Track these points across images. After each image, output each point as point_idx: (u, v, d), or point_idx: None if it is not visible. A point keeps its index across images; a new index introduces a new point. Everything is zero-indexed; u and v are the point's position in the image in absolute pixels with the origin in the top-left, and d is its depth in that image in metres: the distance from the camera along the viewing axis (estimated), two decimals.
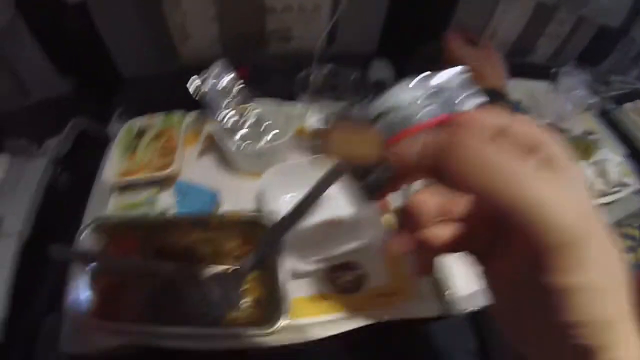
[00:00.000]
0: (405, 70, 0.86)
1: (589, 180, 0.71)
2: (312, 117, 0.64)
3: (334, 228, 0.58)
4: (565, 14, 0.83)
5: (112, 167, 0.64)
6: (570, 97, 0.83)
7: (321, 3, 0.71)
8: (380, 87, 0.63)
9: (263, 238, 0.51)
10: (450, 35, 0.77)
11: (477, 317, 0.54)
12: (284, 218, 0.49)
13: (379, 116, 0.26)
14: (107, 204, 0.63)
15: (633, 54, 0.92)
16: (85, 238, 0.53)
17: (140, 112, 0.72)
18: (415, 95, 0.26)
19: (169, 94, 0.71)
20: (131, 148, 0.65)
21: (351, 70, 0.65)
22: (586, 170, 0.72)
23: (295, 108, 0.65)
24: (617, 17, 0.81)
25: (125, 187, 0.63)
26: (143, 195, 0.62)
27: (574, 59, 0.90)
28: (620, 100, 0.90)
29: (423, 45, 0.85)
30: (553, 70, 0.88)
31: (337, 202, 0.60)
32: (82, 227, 0.53)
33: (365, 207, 0.57)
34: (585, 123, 0.84)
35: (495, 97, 0.61)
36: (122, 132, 0.67)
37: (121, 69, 0.74)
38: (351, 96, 0.65)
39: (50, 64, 0.77)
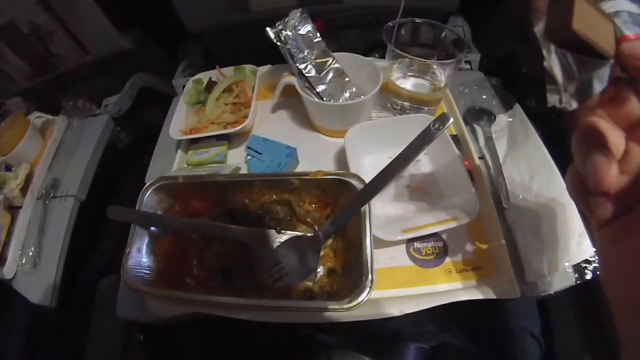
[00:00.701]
0: (486, 28, 0.79)
1: None
2: (398, 72, 0.58)
3: (423, 196, 0.53)
4: None
5: (179, 123, 0.60)
6: None
7: None
8: (461, 46, 0.56)
9: (348, 202, 0.46)
10: None
11: (546, 301, 0.53)
12: (371, 182, 0.44)
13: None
14: (173, 161, 0.60)
15: None
16: (149, 199, 0.49)
17: (207, 67, 0.68)
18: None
19: (238, 48, 0.67)
20: (199, 102, 0.61)
21: (440, 26, 0.58)
22: None
23: (380, 62, 0.59)
24: None
25: (193, 144, 0.59)
26: (212, 152, 0.57)
27: None
28: None
29: (507, 2, 0.78)
30: None
31: (427, 168, 0.55)
32: (145, 186, 0.49)
33: (457, 173, 0.52)
34: None
35: None
36: (189, 85, 0.63)
37: (187, 23, 0.70)
38: (435, 52, 0.59)
39: (109, 21, 0.74)
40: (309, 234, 0.49)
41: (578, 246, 0.45)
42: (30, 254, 0.58)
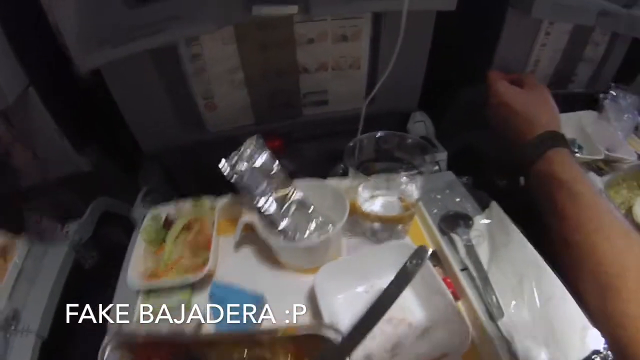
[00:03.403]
0: (446, 119, 0.78)
1: None
2: (365, 192, 0.55)
3: (406, 329, 0.48)
4: (599, 34, 0.78)
5: (137, 266, 0.56)
6: (620, 123, 0.80)
7: (360, 58, 0.64)
8: (425, 145, 0.55)
9: (325, 356, 0.42)
10: (492, 76, 0.68)
11: None
12: (348, 336, 0.40)
13: None
14: (134, 307, 0.55)
15: None
16: (108, 355, 0.44)
17: (166, 191, 0.65)
18: None
19: (198, 169, 0.64)
20: (158, 241, 0.57)
21: (402, 135, 0.56)
22: None
23: (343, 183, 0.56)
24: None
25: (153, 290, 0.55)
26: (174, 299, 0.53)
27: (610, 81, 0.85)
28: None
29: (464, 92, 0.78)
30: (601, 96, 0.83)
31: (407, 297, 0.51)
32: (104, 342, 0.44)
33: (440, 298, 0.48)
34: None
35: (558, 142, 0.51)
36: (147, 222, 0.59)
37: (142, 144, 0.67)
38: (399, 160, 0.57)
39: (66, 141, 0.72)
40: None
41: (582, 340, 0.44)
42: None
